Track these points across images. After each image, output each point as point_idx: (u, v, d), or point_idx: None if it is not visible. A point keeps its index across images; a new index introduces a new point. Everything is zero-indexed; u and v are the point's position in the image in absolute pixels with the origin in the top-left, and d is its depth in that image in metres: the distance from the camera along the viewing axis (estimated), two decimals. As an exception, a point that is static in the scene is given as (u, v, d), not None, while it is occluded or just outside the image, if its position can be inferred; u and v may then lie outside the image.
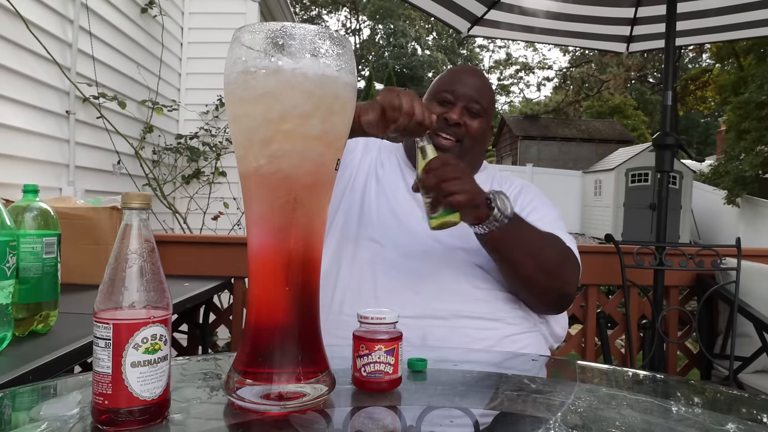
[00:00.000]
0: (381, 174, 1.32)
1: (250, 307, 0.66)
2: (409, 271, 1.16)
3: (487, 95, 1.30)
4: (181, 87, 4.30)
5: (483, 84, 1.31)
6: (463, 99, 1.26)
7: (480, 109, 1.27)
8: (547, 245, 1.16)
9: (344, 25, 38.89)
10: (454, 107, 1.26)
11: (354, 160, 1.34)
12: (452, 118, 1.24)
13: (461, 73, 1.31)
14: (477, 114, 1.27)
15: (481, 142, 1.31)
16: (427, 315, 1.11)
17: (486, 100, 1.29)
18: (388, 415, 0.66)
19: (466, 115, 1.26)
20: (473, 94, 1.27)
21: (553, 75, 37.18)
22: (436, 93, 1.30)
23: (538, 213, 1.27)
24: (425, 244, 1.19)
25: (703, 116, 30.18)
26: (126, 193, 0.59)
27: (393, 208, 1.25)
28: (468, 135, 1.26)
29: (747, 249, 2.07)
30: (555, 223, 1.27)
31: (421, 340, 1.09)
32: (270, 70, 0.61)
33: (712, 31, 2.78)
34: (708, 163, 14.94)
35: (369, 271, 1.17)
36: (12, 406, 0.66)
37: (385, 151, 1.38)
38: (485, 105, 1.28)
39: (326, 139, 0.64)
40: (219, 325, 2.22)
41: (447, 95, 1.27)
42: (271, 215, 0.64)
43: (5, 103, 2.37)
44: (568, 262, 1.19)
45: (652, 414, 0.70)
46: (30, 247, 1.01)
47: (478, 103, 1.27)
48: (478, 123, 1.27)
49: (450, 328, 1.10)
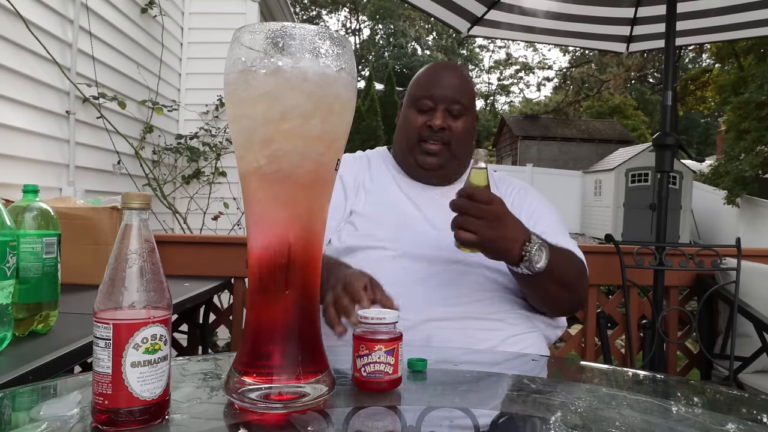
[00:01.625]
0: (372, 182, 1.32)
1: (250, 307, 0.66)
2: (414, 273, 1.16)
3: (466, 92, 1.29)
4: (181, 87, 4.30)
5: (461, 81, 1.30)
6: (443, 101, 1.26)
7: (461, 108, 1.27)
8: (568, 267, 1.17)
9: (344, 25, 38.89)
10: (435, 112, 1.26)
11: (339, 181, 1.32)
12: (436, 124, 1.25)
13: (438, 74, 1.30)
14: (459, 114, 1.27)
15: (468, 139, 1.31)
16: (432, 317, 1.10)
17: (466, 97, 1.28)
18: (388, 415, 0.66)
19: (449, 118, 1.27)
20: (452, 94, 1.26)
21: (553, 75, 37.21)
22: (416, 101, 1.29)
23: (544, 221, 1.27)
24: (429, 246, 1.19)
25: (703, 116, 30.18)
26: (126, 193, 0.59)
27: (392, 214, 1.25)
28: (454, 137, 1.27)
29: (747, 249, 2.07)
30: (559, 228, 1.29)
31: (426, 341, 1.08)
32: (270, 70, 0.61)
33: (712, 31, 2.78)
34: (708, 163, 14.95)
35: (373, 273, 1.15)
36: (12, 406, 0.66)
37: (374, 160, 1.39)
38: (466, 103, 1.28)
39: (326, 139, 0.64)
40: (219, 325, 2.22)
41: (426, 102, 1.27)
42: (271, 215, 0.64)
43: (5, 103, 2.37)
44: (583, 277, 1.22)
45: (652, 414, 0.70)
46: (30, 247, 1.01)
47: (459, 102, 1.27)
48: (462, 122, 1.28)
49: (455, 330, 1.10)
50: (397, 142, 1.36)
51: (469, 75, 1.36)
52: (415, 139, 1.28)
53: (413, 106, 1.30)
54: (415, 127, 1.28)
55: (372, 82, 12.08)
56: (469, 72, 1.44)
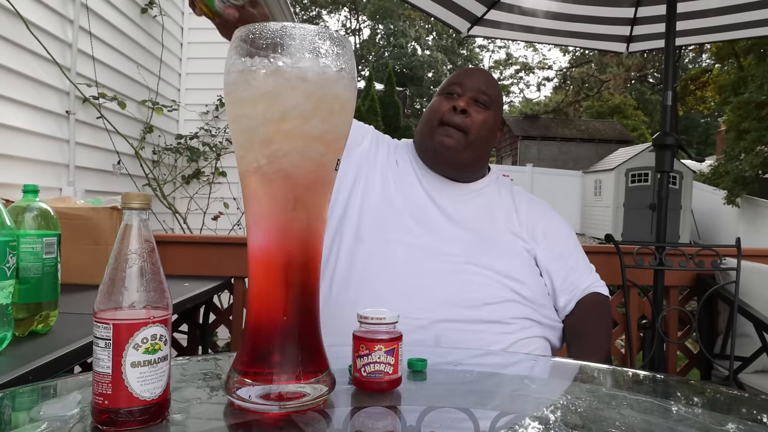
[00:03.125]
0: (396, 175, 1.30)
1: (250, 307, 0.66)
2: (427, 273, 1.15)
3: (494, 89, 1.30)
4: (181, 87, 4.30)
5: (491, 80, 1.32)
6: (471, 90, 1.27)
7: (487, 100, 1.27)
8: (606, 332, 1.33)
9: (344, 25, 38.90)
10: (461, 97, 1.26)
11: (363, 156, 1.31)
12: (459, 105, 1.24)
13: (470, 70, 1.32)
14: (484, 105, 1.27)
15: (487, 138, 1.29)
16: (444, 318, 1.10)
17: (494, 92, 1.29)
18: (388, 415, 0.66)
19: (473, 105, 1.26)
20: (480, 86, 1.27)
21: (553, 75, 37.20)
22: (445, 88, 1.30)
23: (573, 255, 1.32)
24: (443, 248, 1.18)
25: (703, 116, 30.18)
26: (126, 193, 0.59)
27: (411, 211, 1.24)
28: (474, 125, 1.24)
29: (747, 249, 2.07)
30: (583, 259, 1.36)
31: (435, 342, 1.08)
32: (270, 71, 0.61)
33: (712, 31, 2.78)
34: (708, 163, 14.95)
35: (386, 271, 1.15)
36: (12, 406, 0.66)
37: (400, 151, 1.36)
38: (493, 97, 1.28)
39: (326, 139, 0.64)
40: (219, 325, 2.22)
41: (455, 87, 1.28)
42: (271, 215, 0.64)
43: (5, 103, 2.37)
44: (610, 322, 1.37)
45: (652, 414, 0.70)
46: (30, 247, 1.01)
47: (486, 94, 1.27)
48: (485, 116, 1.26)
49: (466, 332, 1.10)
50: (419, 127, 1.35)
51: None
52: (437, 120, 1.26)
53: (441, 95, 1.30)
54: (439, 109, 1.27)
55: (372, 82, 12.09)
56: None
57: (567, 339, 1.27)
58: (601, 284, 1.35)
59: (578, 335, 1.25)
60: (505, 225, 1.27)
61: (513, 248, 1.24)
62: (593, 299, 1.30)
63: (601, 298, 1.32)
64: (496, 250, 1.21)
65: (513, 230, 1.27)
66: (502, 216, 1.29)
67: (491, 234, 1.24)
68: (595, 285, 1.33)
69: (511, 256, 1.22)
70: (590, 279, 1.33)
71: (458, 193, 1.30)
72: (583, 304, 1.28)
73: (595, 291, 1.32)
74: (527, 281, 1.20)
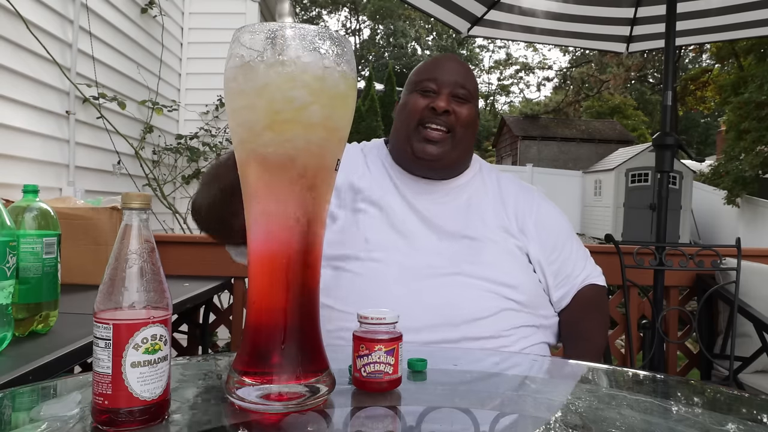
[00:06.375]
0: (364, 180, 1.21)
1: (250, 307, 0.66)
2: (413, 293, 1.07)
3: (471, 80, 1.22)
4: (181, 87, 4.30)
5: (466, 69, 1.23)
6: (448, 86, 1.18)
7: (467, 94, 1.19)
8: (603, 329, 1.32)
9: (344, 25, 38.90)
10: (439, 95, 1.17)
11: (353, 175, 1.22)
12: (440, 106, 1.15)
13: (440, 60, 1.23)
14: (464, 99, 1.18)
15: (472, 130, 1.22)
16: (433, 340, 1.04)
17: (471, 84, 1.21)
18: (388, 415, 0.66)
19: (454, 102, 1.17)
20: (457, 79, 1.19)
21: (553, 75, 37.16)
22: (417, 83, 1.20)
23: (566, 245, 1.27)
24: (429, 260, 1.11)
25: (703, 116, 30.19)
26: (126, 193, 0.59)
27: (393, 224, 1.16)
28: (458, 123, 1.17)
29: (747, 249, 2.07)
30: (577, 246, 1.31)
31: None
32: (269, 64, 0.61)
33: (712, 31, 2.78)
34: (708, 163, 14.95)
35: (372, 288, 1.08)
36: (12, 406, 0.66)
37: (370, 156, 1.27)
38: (471, 90, 1.20)
39: (326, 138, 0.64)
40: (219, 325, 2.22)
41: (429, 84, 1.18)
42: (271, 215, 0.64)
43: (5, 103, 2.37)
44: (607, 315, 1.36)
45: (652, 414, 0.70)
46: (30, 247, 1.01)
47: (464, 87, 1.19)
48: (467, 109, 1.18)
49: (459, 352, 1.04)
50: (395, 130, 1.25)
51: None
52: (414, 123, 1.17)
53: (414, 91, 1.20)
54: (415, 109, 1.17)
55: (372, 82, 12.09)
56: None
57: (563, 335, 1.23)
58: (597, 273, 1.30)
59: (576, 334, 1.22)
60: (494, 221, 1.20)
61: (503, 248, 1.17)
62: (589, 293, 1.26)
63: (597, 291, 1.29)
64: (486, 254, 1.14)
65: (502, 225, 1.20)
66: (490, 211, 1.21)
67: (479, 236, 1.16)
68: (590, 276, 1.28)
69: (502, 258, 1.15)
70: (586, 270, 1.28)
71: (439, 193, 1.22)
72: (580, 299, 1.25)
73: (592, 283, 1.28)
74: (521, 285, 1.13)
